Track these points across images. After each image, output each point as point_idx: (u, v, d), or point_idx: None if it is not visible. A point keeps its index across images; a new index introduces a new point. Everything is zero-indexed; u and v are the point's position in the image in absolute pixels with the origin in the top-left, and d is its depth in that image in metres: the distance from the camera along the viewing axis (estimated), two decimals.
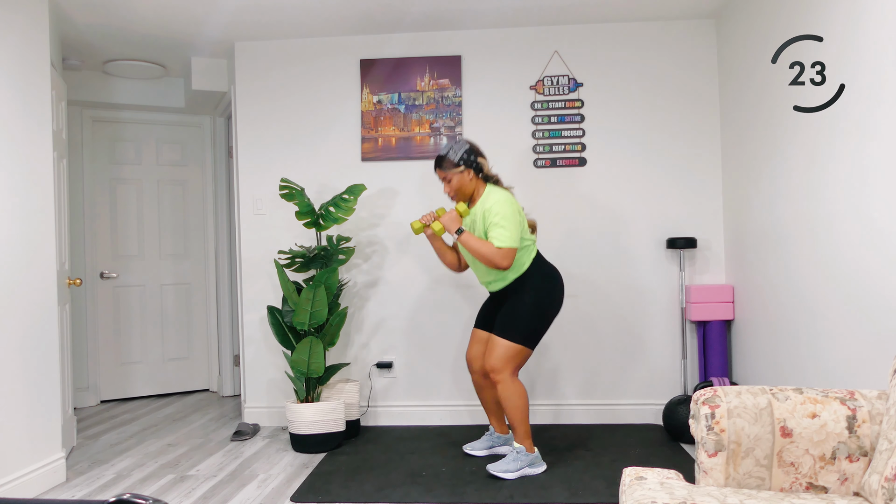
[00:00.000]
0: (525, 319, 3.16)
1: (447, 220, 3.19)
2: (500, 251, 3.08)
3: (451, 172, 3.20)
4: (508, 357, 3.16)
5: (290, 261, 3.89)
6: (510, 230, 3.08)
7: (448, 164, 3.21)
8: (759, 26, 3.42)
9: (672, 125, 4.12)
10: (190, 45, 4.38)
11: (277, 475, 3.35)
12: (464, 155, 3.20)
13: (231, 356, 5.36)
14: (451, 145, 3.24)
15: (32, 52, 3.18)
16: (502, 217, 3.08)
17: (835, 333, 2.77)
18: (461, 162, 3.19)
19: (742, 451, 1.82)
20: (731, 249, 3.95)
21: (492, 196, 3.16)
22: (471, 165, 3.21)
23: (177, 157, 5.43)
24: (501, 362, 3.15)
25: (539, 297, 3.19)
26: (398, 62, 4.24)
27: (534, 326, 3.17)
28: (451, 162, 3.20)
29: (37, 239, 3.17)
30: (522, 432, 3.20)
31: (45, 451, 3.18)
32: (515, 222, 3.11)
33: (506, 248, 3.07)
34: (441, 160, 3.23)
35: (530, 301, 3.18)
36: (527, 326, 3.16)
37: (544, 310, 3.20)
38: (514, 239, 3.09)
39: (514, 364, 3.17)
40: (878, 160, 2.42)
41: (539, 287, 3.20)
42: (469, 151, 3.21)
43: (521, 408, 3.17)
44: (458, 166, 3.19)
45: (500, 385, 3.17)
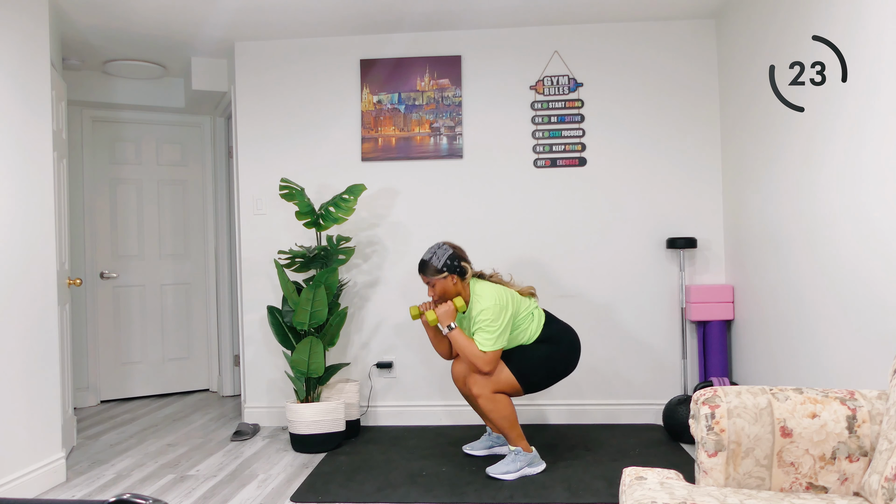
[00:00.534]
0: (535, 366, 3.19)
1: (441, 314, 3.19)
2: (484, 356, 3.11)
3: (435, 278, 3.20)
4: (499, 386, 3.18)
5: (290, 261, 3.89)
6: (493, 335, 3.10)
7: (431, 269, 3.20)
8: (759, 26, 3.42)
9: (672, 125, 4.12)
10: (190, 45, 4.38)
11: (277, 475, 3.35)
12: (447, 261, 3.19)
13: (231, 356, 5.36)
14: (433, 251, 3.23)
15: (32, 52, 3.18)
16: (488, 322, 3.10)
17: (835, 333, 2.77)
18: (444, 268, 3.19)
19: (742, 451, 1.82)
20: (731, 249, 3.95)
21: (480, 299, 3.16)
22: (454, 271, 3.20)
23: (177, 157, 5.43)
24: (486, 388, 3.16)
25: (554, 352, 3.22)
26: (398, 62, 4.24)
27: (541, 375, 3.21)
28: (433, 268, 3.20)
29: (37, 239, 3.17)
30: (514, 436, 3.21)
31: (45, 451, 3.18)
32: (501, 324, 3.11)
33: (489, 353, 3.10)
34: (424, 265, 3.22)
35: (545, 353, 3.21)
36: (535, 373, 3.20)
37: (556, 365, 3.22)
38: (500, 342, 3.11)
39: (497, 389, 3.18)
40: (878, 160, 2.42)
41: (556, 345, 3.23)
42: (452, 257, 3.20)
43: (507, 416, 3.18)
44: (441, 272, 3.19)
45: (480, 399, 3.17)
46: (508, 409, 3.18)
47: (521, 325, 3.23)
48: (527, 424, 4.15)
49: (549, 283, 4.18)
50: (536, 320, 3.26)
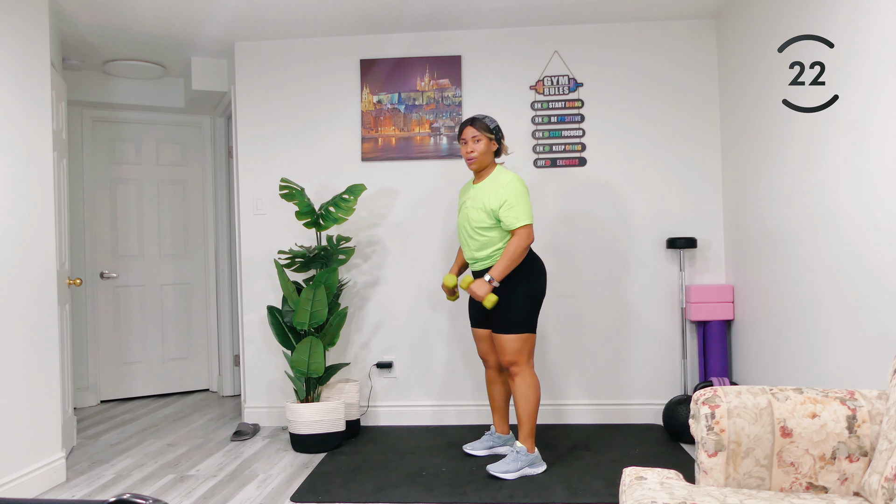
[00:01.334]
0: (519, 310, 3.22)
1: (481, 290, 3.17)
2: (521, 232, 3.15)
3: (483, 134, 3.26)
4: (519, 349, 3.23)
5: (290, 261, 3.89)
6: (524, 208, 3.16)
7: (482, 125, 3.27)
8: (759, 26, 3.43)
9: (672, 125, 4.13)
10: (190, 45, 4.38)
11: (277, 475, 3.35)
12: (497, 127, 3.31)
13: (231, 356, 5.36)
14: (485, 115, 3.32)
15: (32, 52, 3.18)
16: (514, 195, 3.15)
17: (835, 333, 2.78)
18: (494, 131, 3.29)
19: (742, 451, 1.82)
20: (731, 249, 3.95)
21: (504, 174, 3.23)
22: (498, 138, 3.31)
23: (177, 157, 5.43)
24: (515, 355, 3.23)
25: (527, 287, 3.25)
26: (398, 62, 4.24)
27: (529, 313, 3.25)
28: (485, 125, 3.27)
29: (37, 239, 3.17)
30: (528, 430, 3.22)
31: (45, 451, 3.18)
32: (527, 200, 3.19)
33: (523, 225, 3.15)
34: (476, 119, 3.28)
35: (521, 293, 3.23)
36: (523, 315, 3.23)
37: (533, 296, 3.26)
38: (528, 215, 3.17)
39: (526, 352, 3.25)
40: (878, 160, 2.42)
41: (523, 277, 3.25)
42: (497, 129, 3.31)
43: (532, 401, 3.23)
44: (489, 131, 3.27)
45: (517, 377, 3.24)
46: (535, 395, 3.24)
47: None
48: None
49: (550, 283, 4.18)
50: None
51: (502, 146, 3.34)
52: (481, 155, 3.26)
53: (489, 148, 3.27)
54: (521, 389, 3.24)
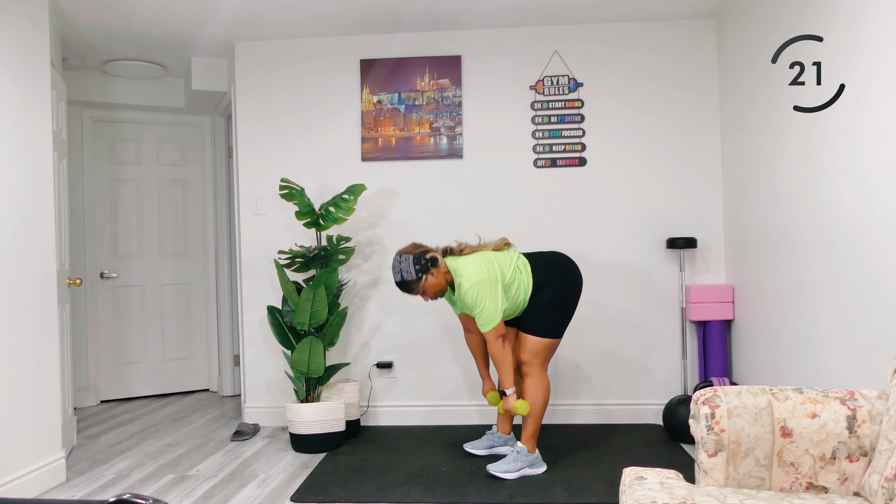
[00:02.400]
0: (549, 315, 3.22)
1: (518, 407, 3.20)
2: (491, 334, 3.15)
3: (421, 286, 3.20)
4: (537, 351, 3.23)
5: (290, 261, 3.89)
6: (487, 309, 3.12)
7: (412, 284, 3.19)
8: (759, 26, 3.43)
9: (672, 125, 4.13)
10: (190, 45, 4.38)
11: (277, 475, 3.35)
12: (415, 267, 3.18)
13: (231, 356, 5.36)
14: (398, 269, 3.20)
15: (32, 52, 3.18)
16: (475, 302, 3.13)
17: (835, 333, 2.78)
18: (419, 273, 3.18)
19: (742, 451, 1.82)
20: (731, 249, 3.95)
21: (464, 281, 3.15)
22: (427, 268, 3.18)
23: (177, 157, 5.43)
24: (531, 356, 3.24)
25: (556, 291, 3.24)
26: (398, 62, 4.24)
27: (559, 318, 3.24)
28: (412, 282, 3.18)
29: (37, 239, 3.17)
30: (531, 431, 3.23)
31: (45, 451, 3.18)
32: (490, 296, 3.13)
33: (490, 329, 3.14)
34: (404, 286, 3.20)
35: (549, 297, 3.23)
36: (549, 321, 3.23)
37: (564, 301, 3.25)
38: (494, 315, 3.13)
39: (543, 356, 3.25)
40: (878, 160, 2.42)
41: (554, 283, 3.24)
42: (416, 260, 3.18)
43: (539, 403, 3.24)
44: (419, 279, 3.18)
45: (528, 377, 3.25)
46: (544, 397, 3.25)
47: (513, 283, 3.23)
48: None
49: None
50: (525, 271, 3.26)
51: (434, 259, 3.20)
52: (437, 292, 3.23)
53: (433, 283, 3.20)
54: (530, 390, 3.24)
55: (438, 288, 3.23)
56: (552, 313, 3.22)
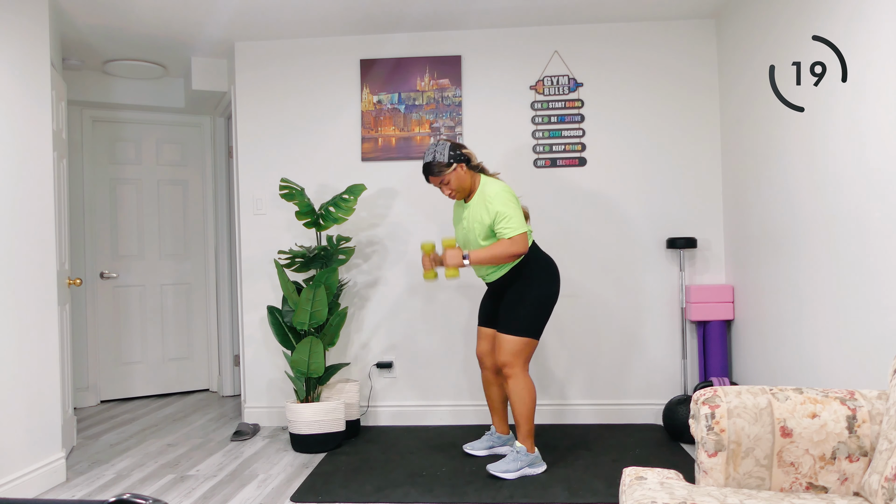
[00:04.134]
0: (527, 313, 3.19)
1: (451, 258, 3.16)
2: (513, 240, 3.09)
3: (446, 174, 3.18)
4: (516, 351, 3.20)
5: (290, 261, 3.89)
6: (516, 217, 3.10)
7: (439, 167, 3.17)
8: (759, 26, 3.43)
9: (672, 125, 4.13)
10: (190, 45, 4.38)
11: (277, 475, 3.35)
12: (450, 152, 3.17)
13: (231, 356, 5.36)
14: (433, 150, 3.19)
15: (32, 52, 3.18)
16: (505, 206, 3.10)
17: (834, 333, 2.77)
18: (451, 160, 3.17)
19: (742, 451, 1.82)
20: (731, 249, 3.95)
21: (489, 187, 3.17)
22: (460, 160, 3.18)
23: (177, 157, 5.43)
24: (511, 356, 3.20)
25: (537, 289, 3.22)
26: (398, 62, 4.24)
27: (536, 318, 3.21)
28: (441, 164, 3.16)
29: (37, 239, 3.17)
30: (526, 430, 3.22)
31: (45, 451, 3.18)
32: (518, 208, 3.14)
33: (517, 234, 3.09)
34: (430, 167, 3.18)
35: (530, 294, 3.21)
36: (529, 319, 3.20)
37: (544, 301, 3.22)
38: (522, 224, 3.11)
39: (523, 357, 3.21)
40: (878, 159, 2.42)
41: (536, 278, 3.23)
42: (452, 148, 3.18)
43: (528, 403, 3.21)
44: (449, 166, 3.17)
45: (511, 379, 3.21)
46: (531, 397, 3.21)
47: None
48: None
49: None
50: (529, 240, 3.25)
51: (469, 157, 3.22)
52: (459, 187, 3.21)
53: (459, 176, 3.19)
54: (515, 392, 3.21)
55: (461, 184, 3.20)
56: (533, 312, 3.19)
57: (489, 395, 3.53)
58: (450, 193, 3.24)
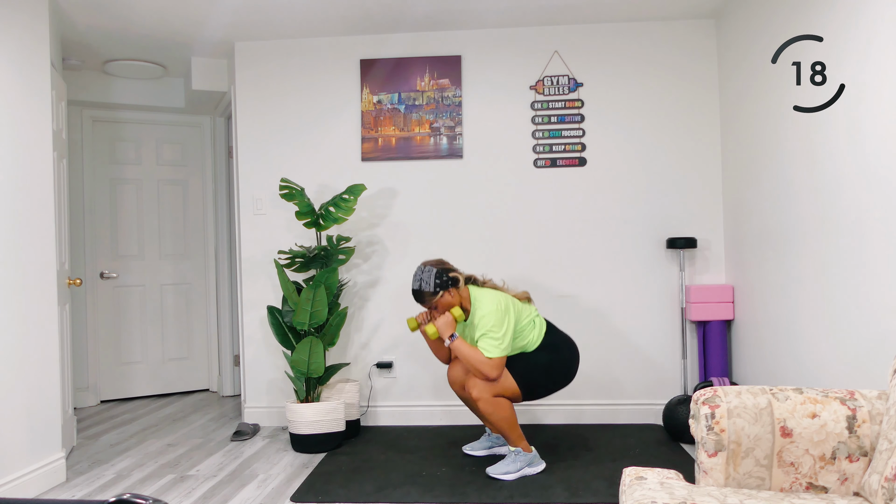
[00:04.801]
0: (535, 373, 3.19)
1: (441, 325, 3.15)
2: (490, 361, 3.09)
3: (435, 300, 3.17)
4: (501, 391, 3.17)
5: (290, 261, 3.89)
6: (500, 339, 3.08)
7: (427, 296, 3.17)
8: (759, 26, 3.42)
9: (672, 125, 4.13)
10: (190, 45, 4.38)
11: (277, 475, 3.35)
12: (436, 281, 3.15)
13: (231, 356, 5.36)
14: (419, 278, 3.18)
15: (32, 52, 3.18)
16: (491, 327, 3.09)
17: (834, 333, 2.77)
18: (437, 288, 3.15)
19: (742, 451, 1.82)
20: (731, 249, 3.95)
21: (481, 304, 3.16)
22: (447, 286, 3.16)
23: (177, 157, 5.43)
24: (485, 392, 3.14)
25: (555, 360, 3.22)
26: (398, 62, 4.24)
27: (539, 383, 3.21)
28: (428, 293, 3.16)
29: (37, 239, 3.17)
30: (514, 437, 3.21)
31: (45, 451, 3.18)
32: (505, 329, 3.10)
33: (495, 358, 3.09)
34: (419, 295, 3.18)
35: (546, 359, 3.21)
36: (532, 378, 3.20)
37: (556, 373, 3.21)
38: (504, 348, 3.10)
39: (497, 393, 3.16)
40: (878, 159, 2.42)
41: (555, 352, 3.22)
42: (439, 275, 3.16)
43: (506, 418, 3.17)
44: (436, 294, 3.16)
45: (480, 402, 3.15)
46: (508, 411, 3.17)
47: (523, 331, 3.23)
48: (526, 425, 4.15)
49: (549, 283, 4.18)
50: (538, 328, 3.25)
51: (456, 279, 3.19)
52: (449, 309, 3.19)
53: (447, 299, 3.17)
54: (489, 412, 3.15)
55: (449, 305, 3.19)
56: (542, 374, 3.19)
57: (473, 409, 3.49)
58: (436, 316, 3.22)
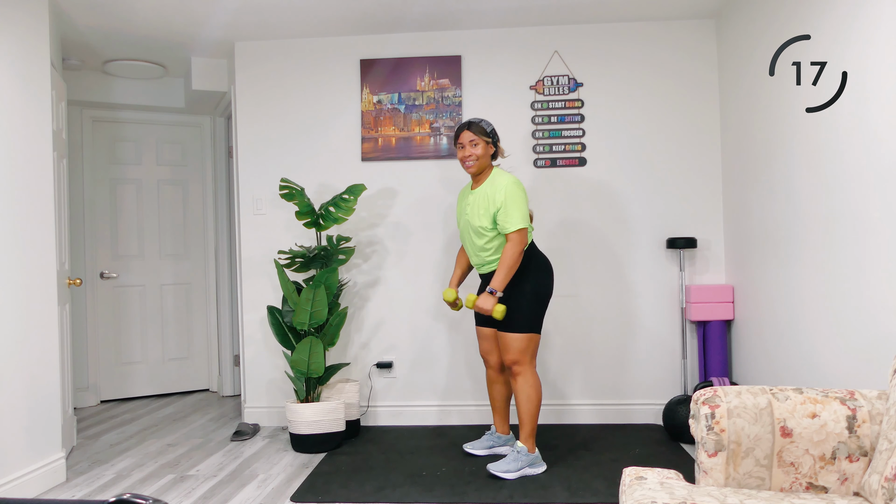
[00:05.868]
0: (527, 310, 3.23)
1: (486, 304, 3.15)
2: (514, 237, 3.15)
3: (481, 138, 3.26)
4: (523, 348, 3.23)
5: (290, 261, 3.89)
6: (519, 212, 3.16)
7: (480, 129, 3.27)
8: (759, 26, 3.43)
9: (672, 125, 4.13)
10: (190, 45, 4.38)
11: (277, 475, 3.35)
12: (493, 130, 3.31)
13: (231, 356, 5.36)
14: (479, 118, 3.32)
15: (32, 52, 3.18)
16: (511, 197, 3.16)
17: (835, 333, 2.77)
18: (491, 134, 3.29)
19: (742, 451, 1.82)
20: (731, 249, 3.95)
21: (500, 178, 3.23)
22: (495, 141, 3.31)
23: (177, 157, 5.43)
24: (519, 354, 3.23)
25: (535, 286, 3.26)
26: (398, 62, 4.24)
27: (535, 313, 3.25)
28: (482, 129, 3.27)
29: (37, 239, 3.17)
30: (529, 430, 3.23)
31: (45, 451, 3.18)
32: (524, 203, 3.19)
33: (515, 231, 3.15)
34: (473, 124, 3.28)
35: (528, 291, 3.24)
36: (530, 316, 3.23)
37: (541, 297, 3.27)
38: (523, 219, 3.17)
39: (529, 353, 3.25)
40: (877, 159, 2.42)
41: (531, 274, 3.26)
42: (495, 132, 3.33)
43: (534, 401, 3.23)
44: (488, 136, 3.28)
45: (520, 377, 3.24)
46: (537, 395, 3.24)
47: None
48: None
49: None
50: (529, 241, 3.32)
51: (499, 149, 3.35)
52: (479, 159, 3.26)
53: (486, 151, 3.27)
54: (522, 390, 3.24)
55: (483, 158, 3.26)
56: (531, 308, 3.23)
57: (492, 393, 3.54)
58: (468, 157, 3.27)
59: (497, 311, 3.16)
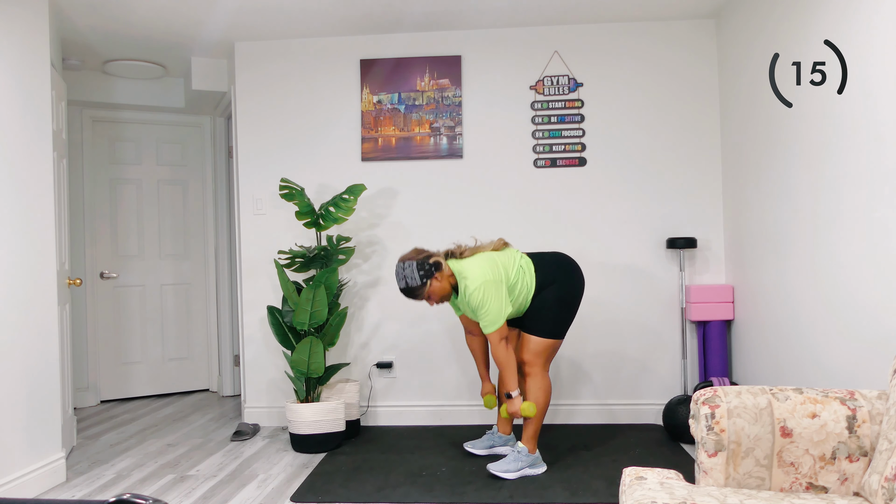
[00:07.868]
0: (551, 315, 3.24)
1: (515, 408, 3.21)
2: (494, 335, 3.16)
3: (426, 291, 3.17)
4: (540, 351, 3.24)
5: (290, 261, 3.89)
6: (491, 314, 3.12)
7: (418, 290, 3.15)
8: (759, 26, 3.43)
9: (672, 125, 4.13)
10: (190, 45, 4.38)
11: (277, 475, 3.35)
12: (419, 273, 3.14)
13: (231, 356, 5.36)
14: (403, 276, 3.16)
15: (32, 52, 3.18)
16: (480, 305, 3.13)
17: (834, 333, 2.77)
18: (424, 279, 3.14)
19: (742, 451, 1.82)
20: (731, 249, 3.95)
21: (466, 281, 3.17)
22: (431, 273, 3.15)
23: (177, 157, 5.43)
24: (534, 356, 3.24)
25: (559, 291, 3.25)
26: (398, 62, 4.24)
27: (561, 320, 3.25)
28: (418, 287, 3.15)
29: (37, 239, 3.17)
30: (532, 431, 3.24)
31: (45, 451, 3.18)
32: (494, 301, 3.13)
33: (494, 331, 3.15)
34: (409, 292, 3.16)
35: (553, 297, 3.24)
36: (553, 321, 3.24)
37: (566, 302, 3.26)
38: (498, 318, 3.13)
39: (546, 356, 3.26)
40: (878, 160, 2.42)
41: (559, 283, 3.26)
42: (419, 266, 3.14)
43: (541, 404, 3.25)
44: (424, 285, 3.16)
45: (530, 378, 3.25)
46: (546, 397, 3.25)
47: (517, 284, 3.23)
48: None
49: None
50: (528, 272, 3.26)
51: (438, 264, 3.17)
52: (441, 295, 3.21)
53: (437, 286, 3.17)
54: (532, 390, 3.25)
55: (444, 292, 3.21)
56: (555, 313, 3.23)
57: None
58: (438, 302, 3.25)
59: (526, 410, 3.19)
